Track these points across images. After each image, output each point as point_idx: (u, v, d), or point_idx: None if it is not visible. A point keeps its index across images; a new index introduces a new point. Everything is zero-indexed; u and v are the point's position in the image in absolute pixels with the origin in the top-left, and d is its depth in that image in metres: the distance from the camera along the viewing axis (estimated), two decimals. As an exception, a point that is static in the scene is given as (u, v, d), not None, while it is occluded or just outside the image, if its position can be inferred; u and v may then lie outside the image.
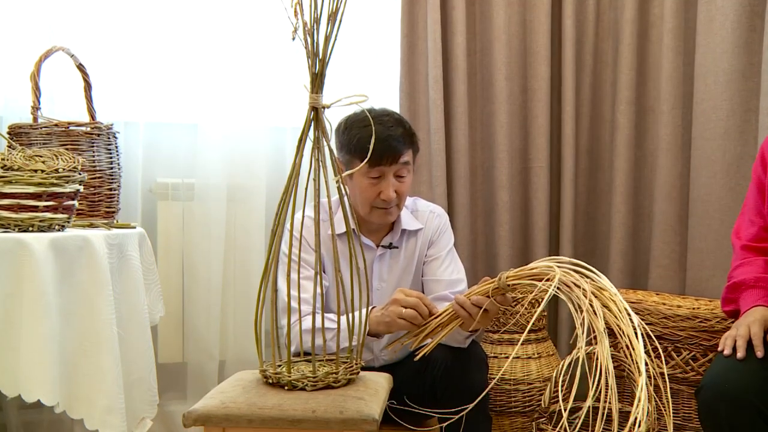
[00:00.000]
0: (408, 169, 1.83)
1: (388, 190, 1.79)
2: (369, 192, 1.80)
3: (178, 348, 2.38)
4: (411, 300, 1.60)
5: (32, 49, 1.98)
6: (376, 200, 1.81)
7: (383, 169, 1.77)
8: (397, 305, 1.61)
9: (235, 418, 1.33)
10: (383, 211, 1.83)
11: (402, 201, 1.86)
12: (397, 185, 1.81)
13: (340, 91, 1.45)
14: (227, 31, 2.38)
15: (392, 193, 1.79)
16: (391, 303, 1.63)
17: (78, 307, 1.55)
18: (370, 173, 1.77)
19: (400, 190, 1.82)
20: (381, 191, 1.79)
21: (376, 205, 1.82)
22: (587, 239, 2.68)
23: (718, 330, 1.98)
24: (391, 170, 1.78)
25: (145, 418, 1.79)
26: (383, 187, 1.79)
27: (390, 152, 1.75)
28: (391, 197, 1.79)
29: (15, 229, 1.53)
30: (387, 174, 1.79)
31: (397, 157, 1.77)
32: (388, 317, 1.62)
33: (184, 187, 2.38)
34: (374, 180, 1.79)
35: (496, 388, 2.17)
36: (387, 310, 1.63)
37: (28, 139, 1.80)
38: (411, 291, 1.64)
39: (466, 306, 1.53)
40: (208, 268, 2.36)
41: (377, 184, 1.80)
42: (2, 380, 1.42)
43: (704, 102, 2.37)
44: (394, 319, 1.61)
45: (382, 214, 1.84)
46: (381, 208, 1.83)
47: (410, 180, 1.85)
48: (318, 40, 1.35)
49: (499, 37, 2.53)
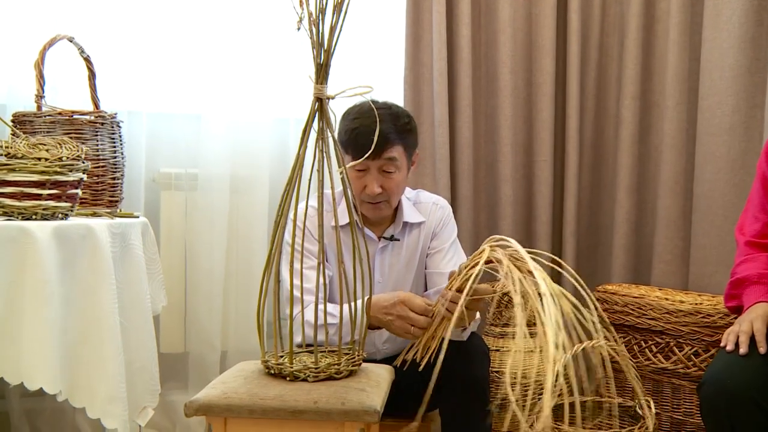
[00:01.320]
0: (395, 166, 1.80)
1: (371, 184, 1.78)
2: (355, 185, 1.79)
3: (179, 338, 2.39)
4: (421, 320, 1.59)
5: (36, 38, 1.98)
6: (362, 194, 1.80)
7: (367, 163, 1.75)
8: (404, 322, 1.61)
9: (237, 408, 1.33)
10: (370, 205, 1.82)
11: (392, 197, 1.83)
12: (382, 180, 1.79)
13: (345, 83, 1.44)
14: (231, 21, 2.37)
15: (376, 188, 1.78)
16: (398, 304, 1.63)
17: (80, 295, 1.55)
18: (356, 166, 1.76)
19: (387, 186, 1.80)
20: (366, 185, 1.79)
21: (363, 199, 1.81)
22: (590, 234, 2.68)
23: (721, 326, 1.97)
24: (374, 165, 1.77)
25: (147, 407, 1.79)
26: (367, 182, 1.79)
27: (369, 147, 1.73)
28: (374, 192, 1.78)
29: (18, 217, 1.53)
30: (371, 168, 1.78)
31: (379, 152, 1.74)
32: (392, 325, 1.63)
33: (187, 177, 2.38)
34: (360, 173, 1.78)
35: (497, 381, 2.17)
36: (392, 313, 1.62)
37: (31, 127, 1.80)
38: (417, 303, 1.61)
39: (451, 308, 1.53)
40: (211, 258, 2.36)
41: (362, 177, 1.79)
42: (5, 368, 1.42)
43: (709, 97, 2.36)
44: (400, 333, 1.62)
45: (371, 208, 1.83)
46: (368, 203, 1.82)
47: (400, 177, 1.82)
48: (323, 30, 1.34)
49: (504, 30, 2.52)
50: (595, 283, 2.48)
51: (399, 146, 1.80)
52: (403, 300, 1.61)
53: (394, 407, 1.62)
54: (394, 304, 1.61)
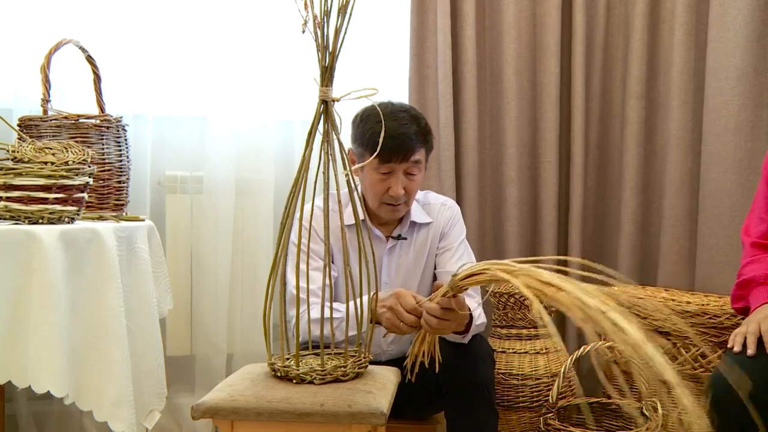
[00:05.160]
0: (419, 168, 1.82)
1: (396, 187, 1.78)
2: (378, 187, 1.80)
3: (186, 341, 2.39)
4: (408, 318, 1.56)
5: (42, 42, 1.99)
6: (384, 196, 1.81)
7: (393, 166, 1.77)
8: (393, 315, 1.58)
9: (243, 411, 1.33)
10: (391, 207, 1.83)
11: (411, 198, 1.85)
12: (406, 183, 1.80)
13: (350, 85, 1.44)
14: (237, 24, 2.37)
15: (401, 191, 1.79)
16: (392, 297, 1.61)
17: (87, 299, 1.55)
18: (380, 169, 1.77)
19: (409, 188, 1.82)
20: (390, 187, 1.79)
21: (384, 200, 1.82)
22: (596, 235, 2.67)
23: (728, 326, 1.97)
24: (401, 167, 1.78)
25: (154, 410, 1.80)
26: (392, 184, 1.79)
27: (401, 150, 1.75)
28: (399, 194, 1.79)
29: (25, 221, 1.54)
30: (397, 171, 1.78)
31: (408, 155, 1.77)
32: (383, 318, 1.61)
33: (192, 180, 2.38)
34: (384, 176, 1.79)
35: (503, 383, 2.16)
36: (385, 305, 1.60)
37: (38, 131, 1.81)
38: (408, 301, 1.58)
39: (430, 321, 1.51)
40: (216, 261, 2.36)
41: (386, 179, 1.79)
42: (12, 371, 1.43)
43: (715, 97, 2.36)
44: (389, 326, 1.60)
45: (390, 210, 1.84)
46: (389, 204, 1.83)
47: (421, 178, 1.85)
48: (328, 33, 1.34)
49: (509, 31, 2.52)
50: (601, 284, 2.47)
51: (422, 149, 1.83)
52: (397, 294, 1.60)
53: (400, 409, 1.62)
54: (389, 297, 1.61)
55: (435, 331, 1.52)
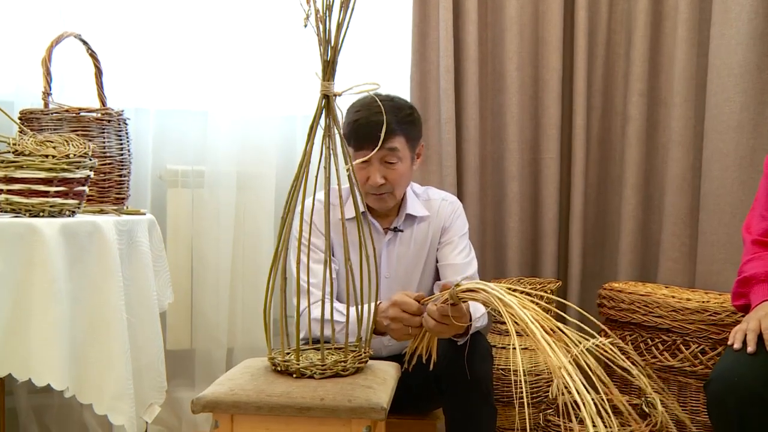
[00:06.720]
0: (397, 156, 1.82)
1: (374, 175, 1.80)
2: (359, 176, 1.81)
3: (186, 334, 2.39)
4: (415, 321, 1.57)
5: (43, 35, 1.99)
6: (366, 185, 1.82)
7: (367, 153, 1.76)
8: (400, 324, 1.58)
9: (244, 405, 1.33)
10: (375, 196, 1.85)
11: (396, 188, 1.85)
12: (385, 171, 1.81)
13: (352, 80, 1.44)
14: (238, 18, 2.37)
15: (378, 179, 1.80)
16: (391, 307, 1.60)
17: (88, 292, 1.55)
18: (355, 157, 1.78)
19: (390, 177, 1.82)
20: (369, 176, 1.81)
21: (367, 190, 1.83)
22: (597, 231, 2.67)
23: (728, 323, 1.97)
24: (376, 156, 1.78)
25: (154, 404, 1.80)
26: (370, 173, 1.81)
27: (370, 137, 1.72)
28: (377, 182, 1.80)
29: (26, 214, 1.53)
30: (373, 159, 1.79)
31: (378, 142, 1.73)
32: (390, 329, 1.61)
33: (193, 174, 2.38)
34: (363, 164, 1.80)
35: (503, 379, 2.17)
36: (387, 316, 1.60)
37: (39, 124, 1.80)
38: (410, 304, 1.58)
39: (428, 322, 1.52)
40: (217, 255, 2.37)
41: (365, 168, 1.81)
42: (13, 364, 1.43)
43: (717, 94, 2.35)
44: (400, 336, 1.61)
45: (375, 199, 1.86)
46: (373, 194, 1.84)
47: (403, 168, 1.84)
48: (330, 27, 1.34)
49: (511, 27, 2.51)
50: (602, 281, 2.47)
51: (401, 137, 1.82)
52: (395, 302, 1.59)
53: (400, 405, 1.62)
54: (389, 307, 1.60)
55: (433, 332, 1.54)
